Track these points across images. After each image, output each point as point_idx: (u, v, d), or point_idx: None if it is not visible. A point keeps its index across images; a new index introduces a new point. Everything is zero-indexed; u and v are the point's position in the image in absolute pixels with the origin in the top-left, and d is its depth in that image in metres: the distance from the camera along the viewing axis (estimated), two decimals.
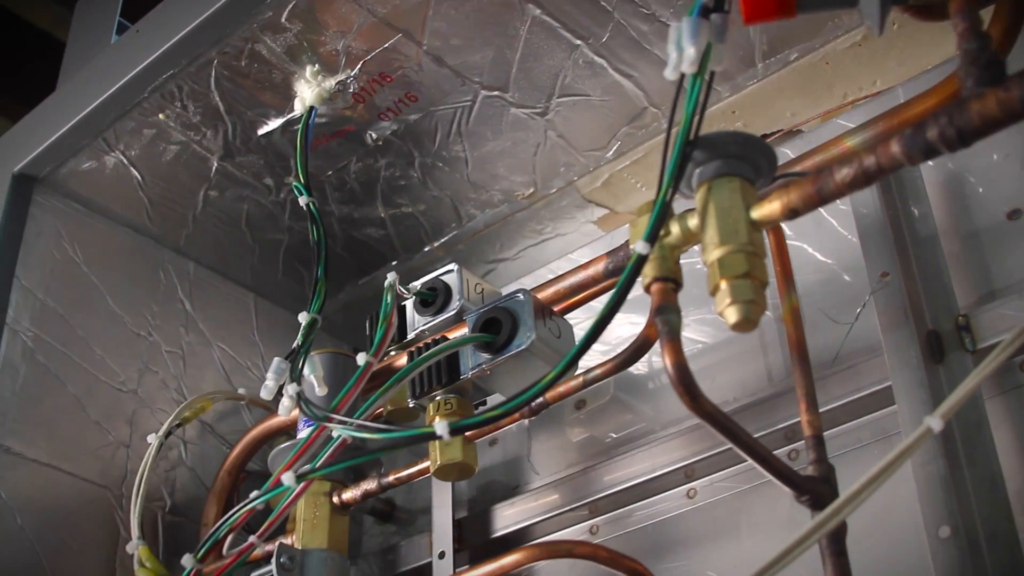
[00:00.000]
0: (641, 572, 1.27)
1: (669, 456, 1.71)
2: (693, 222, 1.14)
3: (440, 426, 1.07)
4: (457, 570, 1.81)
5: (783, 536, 1.59)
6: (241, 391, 2.13)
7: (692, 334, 1.81)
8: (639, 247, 1.07)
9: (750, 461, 1.21)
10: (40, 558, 1.83)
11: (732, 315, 1.07)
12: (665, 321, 1.08)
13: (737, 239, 1.09)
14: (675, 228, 1.15)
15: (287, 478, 1.20)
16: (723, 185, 1.13)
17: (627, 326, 1.87)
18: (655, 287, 1.11)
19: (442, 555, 1.82)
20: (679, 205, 1.13)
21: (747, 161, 1.15)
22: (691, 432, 1.70)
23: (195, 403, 1.97)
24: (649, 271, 1.11)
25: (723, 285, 1.08)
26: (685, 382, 1.07)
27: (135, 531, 1.50)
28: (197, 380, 2.16)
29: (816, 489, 1.28)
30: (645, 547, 1.70)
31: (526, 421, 1.94)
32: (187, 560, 1.27)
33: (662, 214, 1.08)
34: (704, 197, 1.13)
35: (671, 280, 1.11)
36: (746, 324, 1.07)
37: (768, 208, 1.11)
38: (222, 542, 1.31)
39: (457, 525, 1.85)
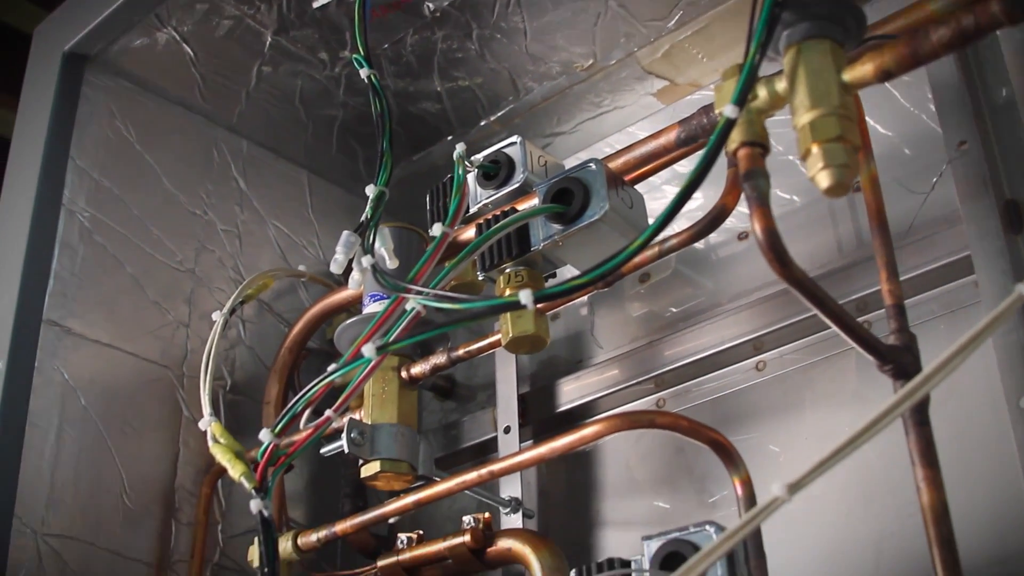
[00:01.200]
0: (722, 443, 1.26)
1: (737, 329, 1.70)
2: (781, 86, 1.10)
3: (524, 295, 1.05)
4: (530, 442, 1.81)
5: (849, 410, 1.60)
6: (301, 268, 2.12)
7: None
8: (727, 111, 1.03)
9: (835, 329, 1.19)
10: (105, 438, 1.84)
11: (825, 179, 1.04)
12: (754, 186, 1.05)
13: (829, 102, 1.05)
14: (762, 92, 1.11)
15: (367, 350, 1.18)
16: (813, 47, 1.09)
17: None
18: (743, 152, 1.07)
19: (507, 430, 1.82)
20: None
21: (836, 22, 1.11)
22: (760, 305, 1.68)
23: (257, 280, 1.95)
24: (736, 136, 1.07)
25: (815, 149, 1.04)
26: (775, 248, 1.05)
27: (207, 408, 1.49)
28: (253, 258, 2.15)
29: (899, 359, 1.25)
30: (711, 421, 1.68)
31: (586, 296, 1.92)
32: (264, 435, 1.26)
33: (751, 77, 1.04)
34: (793, 60, 1.09)
35: (759, 144, 1.08)
36: (839, 189, 1.04)
37: (860, 70, 1.07)
38: (298, 417, 1.30)
39: (520, 400, 1.85)
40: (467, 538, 1.55)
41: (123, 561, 1.81)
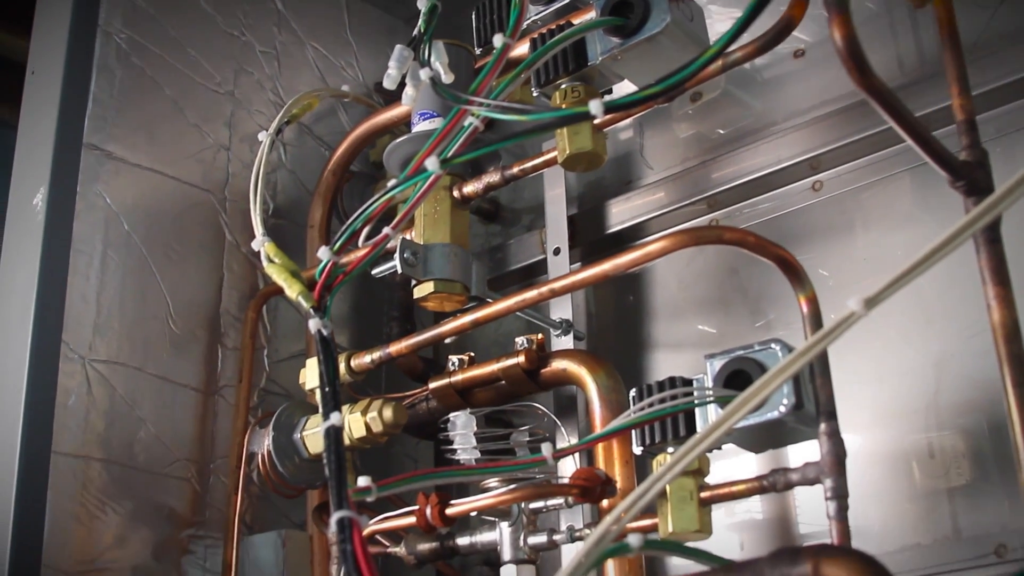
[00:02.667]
0: (789, 260, 1.23)
1: (793, 148, 1.66)
2: None
3: (594, 104, 1.02)
4: (578, 264, 1.79)
5: (901, 233, 1.57)
6: (344, 88, 2.08)
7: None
8: None
9: (909, 142, 1.15)
10: (149, 263, 1.83)
11: None
12: None
13: None
14: None
15: (431, 163, 1.15)
16: None
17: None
18: None
19: (557, 251, 1.79)
20: None
21: None
22: (817, 123, 1.64)
23: (302, 99, 1.91)
24: None
25: None
26: (856, 56, 1.00)
27: (259, 228, 1.47)
28: (292, 80, 2.11)
29: (972, 174, 1.22)
30: None
31: (630, 119, 1.87)
32: (323, 253, 1.23)
33: None
34: None
35: None
36: None
37: None
38: (357, 235, 1.28)
39: (569, 222, 1.82)
40: (521, 359, 1.54)
41: (171, 386, 1.82)
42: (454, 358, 1.63)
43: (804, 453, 1.30)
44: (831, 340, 0.93)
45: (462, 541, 1.55)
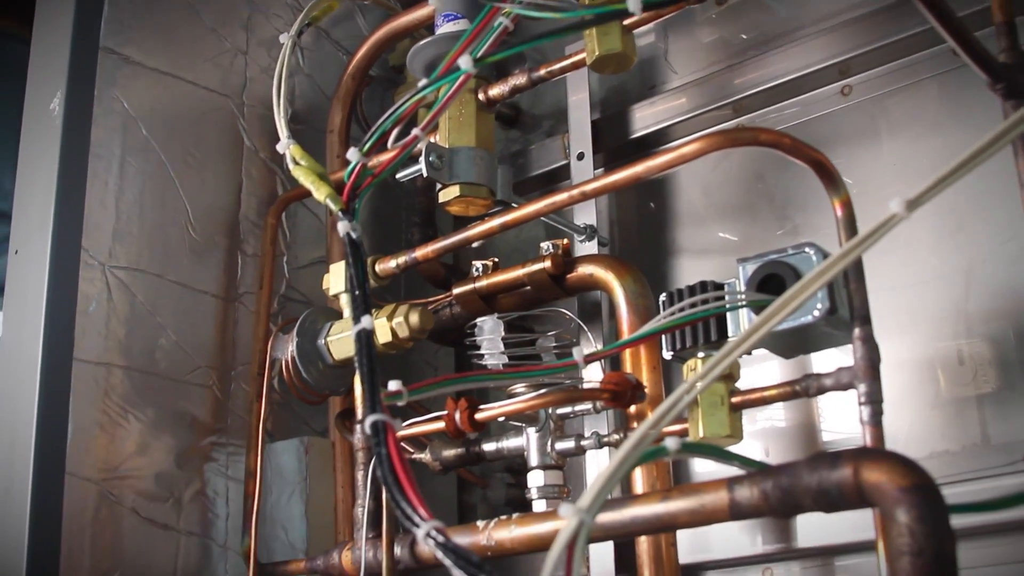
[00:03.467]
0: (824, 163, 1.21)
1: (822, 52, 1.63)
2: None
3: (632, 1, 0.99)
4: (601, 170, 1.77)
5: (927, 141, 1.55)
6: None
7: None
8: None
9: (951, 43, 1.13)
10: (167, 168, 1.81)
11: None
12: None
13: None
14: None
15: (464, 61, 1.13)
16: None
17: None
18: None
19: (581, 156, 1.77)
20: None
21: None
22: (846, 27, 1.61)
23: (321, 2, 1.87)
24: None
25: None
26: None
27: (284, 130, 1.45)
28: None
29: (1013, 77, 1.20)
30: None
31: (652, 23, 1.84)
32: (352, 155, 1.21)
33: None
34: None
35: None
36: None
37: None
38: (387, 136, 1.26)
39: (592, 127, 1.80)
40: (547, 264, 1.52)
41: (191, 293, 1.81)
42: (478, 263, 1.62)
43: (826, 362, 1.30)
44: (872, 242, 0.91)
45: (488, 447, 1.55)
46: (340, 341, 1.57)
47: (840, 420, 1.54)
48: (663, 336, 1.30)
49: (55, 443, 1.58)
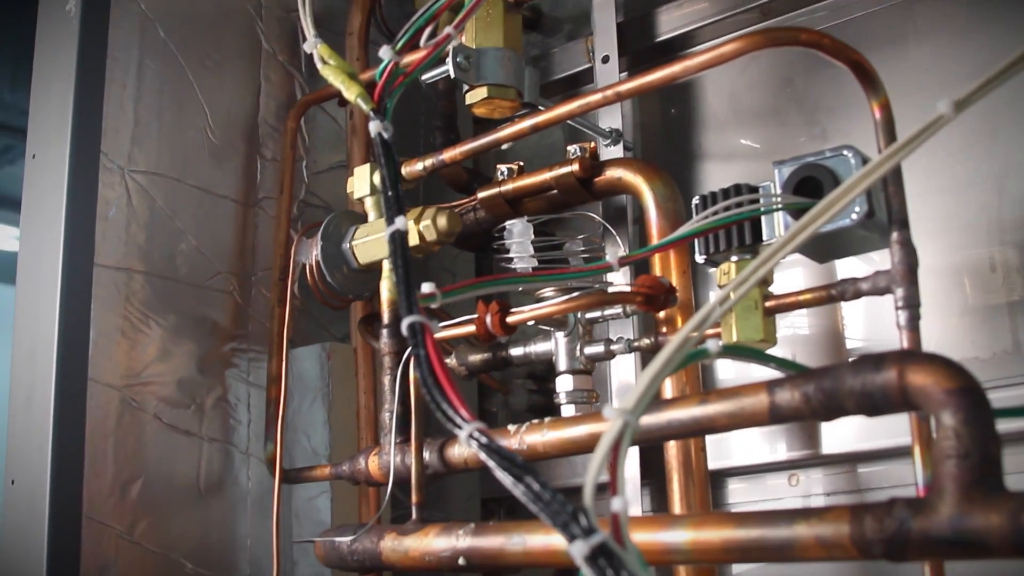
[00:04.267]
0: (863, 64, 1.18)
1: None
2: None
3: None
4: (625, 74, 1.74)
5: (958, 46, 1.52)
6: None
7: None
8: None
9: None
10: (185, 71, 1.78)
11: None
12: None
13: None
14: None
15: None
16: None
17: None
18: None
19: (606, 59, 1.74)
20: None
21: None
22: None
23: None
24: None
25: None
26: None
27: (310, 30, 1.41)
28: None
29: None
30: None
31: None
32: (385, 52, 1.19)
33: None
34: None
35: None
36: None
37: None
38: (420, 34, 1.23)
39: (616, 30, 1.77)
40: (575, 167, 1.50)
41: (210, 198, 1.79)
42: (503, 167, 1.59)
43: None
44: (917, 145, 0.90)
45: (515, 352, 1.54)
46: (365, 245, 1.55)
47: (860, 327, 1.53)
48: (696, 240, 1.28)
49: (77, 349, 1.57)
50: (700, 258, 1.30)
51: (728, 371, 1.63)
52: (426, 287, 1.04)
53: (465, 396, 1.88)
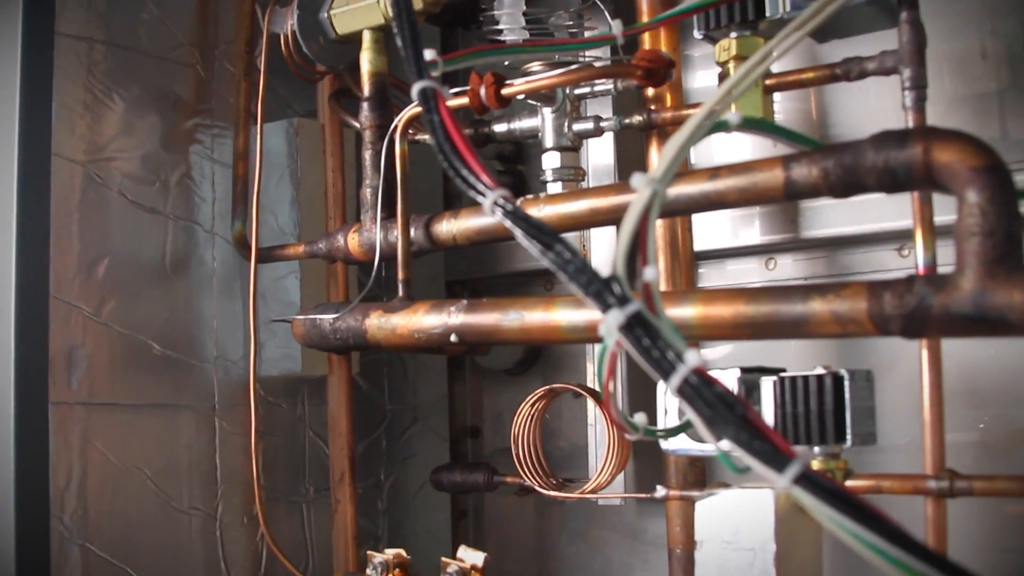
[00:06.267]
0: None
1: None
2: None
3: None
4: None
5: None
6: None
7: None
8: None
9: None
10: None
11: None
12: None
13: None
14: None
15: None
16: None
17: None
18: None
19: None
20: None
21: None
22: None
23: None
24: None
25: None
26: None
27: None
28: None
29: None
30: None
31: None
32: None
33: None
34: None
35: None
36: None
37: None
38: None
39: None
40: None
41: None
42: None
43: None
44: None
45: (499, 128, 1.51)
46: (344, 14, 1.49)
47: (843, 114, 1.50)
48: (696, 15, 1.24)
49: (39, 121, 1.51)
50: (699, 34, 1.26)
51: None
52: (428, 54, 1.00)
53: (429, 177, 1.85)
